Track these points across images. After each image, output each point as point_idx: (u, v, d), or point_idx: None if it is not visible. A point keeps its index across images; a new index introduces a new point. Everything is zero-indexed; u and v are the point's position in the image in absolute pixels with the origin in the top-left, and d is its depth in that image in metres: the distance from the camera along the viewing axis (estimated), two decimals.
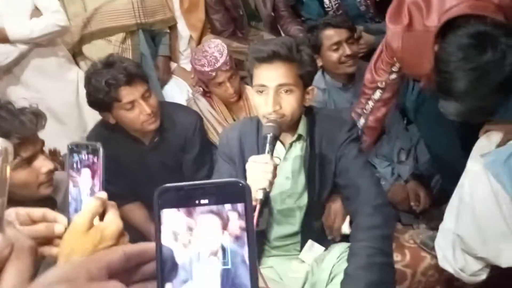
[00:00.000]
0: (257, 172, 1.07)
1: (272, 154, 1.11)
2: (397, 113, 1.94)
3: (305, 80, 1.26)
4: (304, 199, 1.36)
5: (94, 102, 1.62)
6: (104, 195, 0.67)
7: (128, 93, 1.57)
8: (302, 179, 1.35)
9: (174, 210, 0.38)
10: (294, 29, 2.50)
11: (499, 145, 1.33)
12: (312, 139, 1.33)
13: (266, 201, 1.16)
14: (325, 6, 2.35)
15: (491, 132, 1.37)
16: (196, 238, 0.38)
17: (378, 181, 1.32)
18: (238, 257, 0.38)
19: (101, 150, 0.68)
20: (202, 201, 0.38)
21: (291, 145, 1.34)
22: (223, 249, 0.38)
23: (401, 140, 1.88)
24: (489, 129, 1.38)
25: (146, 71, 1.79)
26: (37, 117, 1.13)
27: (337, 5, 2.33)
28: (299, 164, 1.34)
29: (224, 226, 0.38)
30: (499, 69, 1.07)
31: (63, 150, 2.03)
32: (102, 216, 0.67)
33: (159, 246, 0.38)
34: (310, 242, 1.37)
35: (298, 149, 1.34)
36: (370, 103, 1.66)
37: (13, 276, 0.34)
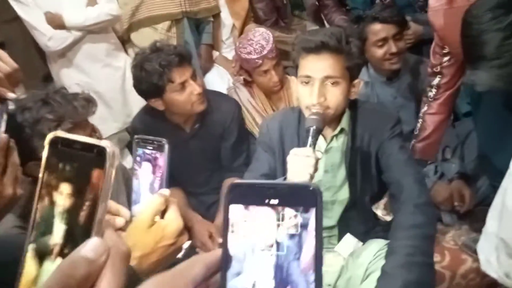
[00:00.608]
0: (299, 165, 1.07)
1: (314, 148, 1.10)
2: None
3: (352, 73, 1.23)
4: (344, 194, 1.35)
5: (146, 88, 1.65)
6: (167, 192, 0.69)
7: (180, 74, 1.61)
8: (341, 173, 1.34)
9: (242, 206, 0.38)
10: (338, 18, 2.45)
11: None
12: (355, 133, 1.30)
13: None
14: None
15: None
16: (252, 230, 0.38)
17: (422, 179, 1.28)
18: (292, 253, 0.37)
19: (166, 147, 0.69)
20: (272, 201, 0.37)
21: (332, 138, 1.32)
22: (278, 244, 0.37)
23: (447, 137, 1.81)
24: None
25: None
26: (89, 103, 1.17)
27: None
28: (339, 158, 1.33)
29: (280, 220, 0.37)
30: None
31: (108, 133, 2.11)
32: (163, 213, 0.69)
33: (225, 238, 0.38)
34: (348, 235, 1.35)
35: (339, 142, 1.32)
36: (433, 90, 1.63)
37: (109, 284, 0.34)
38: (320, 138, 1.31)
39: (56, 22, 2.03)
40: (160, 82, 1.60)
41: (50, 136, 0.37)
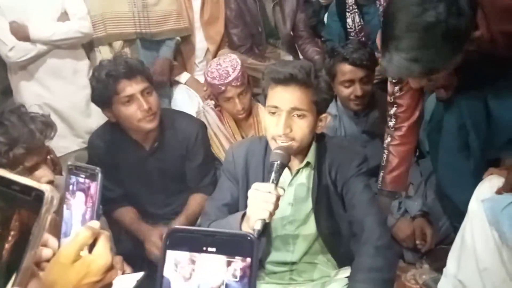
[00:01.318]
0: (259, 202, 1.03)
1: (277, 184, 1.07)
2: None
3: (319, 107, 1.23)
4: (309, 228, 1.32)
5: (96, 96, 1.63)
6: (96, 224, 0.64)
7: (126, 86, 1.57)
8: (307, 207, 1.31)
9: (179, 252, 0.39)
10: (312, 50, 2.48)
11: (499, 191, 1.28)
12: (321, 167, 1.29)
13: (265, 228, 1.11)
14: (348, 27, 2.32)
15: (494, 176, 1.33)
16: (198, 272, 0.38)
17: (384, 220, 1.28)
18: None
19: (99, 176, 0.65)
20: (210, 249, 0.39)
21: (298, 171, 1.31)
22: (226, 286, 0.38)
23: (411, 174, 1.83)
24: (493, 172, 1.34)
25: None
26: (47, 127, 1.10)
27: (360, 26, 2.30)
28: (304, 191, 1.31)
29: (229, 263, 0.38)
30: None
31: (66, 150, 2.02)
32: (92, 246, 0.63)
33: (160, 277, 0.39)
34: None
35: (304, 176, 1.31)
36: (392, 120, 1.63)
37: None
38: (286, 170, 1.29)
39: (21, 34, 1.95)
40: (106, 91, 1.57)
41: None
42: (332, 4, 2.49)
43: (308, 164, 1.30)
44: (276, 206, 1.04)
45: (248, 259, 0.38)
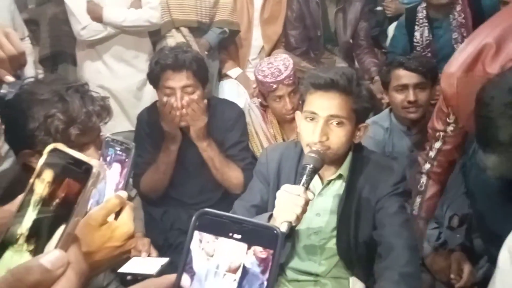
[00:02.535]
0: (287, 203, 1.01)
1: (307, 187, 1.04)
2: (459, 176, 1.76)
3: (359, 116, 1.19)
4: (334, 242, 1.28)
5: (148, 77, 1.69)
6: (124, 194, 0.68)
7: (169, 78, 1.60)
8: (334, 220, 1.27)
9: (206, 234, 0.40)
10: (369, 61, 2.41)
11: None
12: (354, 181, 1.24)
13: (290, 233, 1.09)
14: (415, 40, 2.24)
15: None
16: (220, 250, 0.39)
17: (415, 246, 1.19)
18: (257, 283, 0.38)
19: (133, 151, 0.69)
20: (235, 236, 0.39)
21: (329, 182, 1.27)
22: (244, 269, 0.38)
23: (458, 205, 1.70)
24: None
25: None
26: (104, 111, 1.12)
27: (428, 41, 2.21)
28: (333, 203, 1.26)
29: (250, 246, 0.39)
30: None
31: (115, 129, 2.10)
32: (117, 215, 0.68)
33: (186, 252, 0.39)
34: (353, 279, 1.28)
35: (336, 188, 1.27)
36: (432, 152, 1.55)
37: None
38: (317, 179, 1.27)
39: (95, 14, 2.05)
40: (153, 77, 1.64)
41: (50, 147, 0.40)
42: (402, 16, 2.41)
43: (340, 176, 1.26)
44: (304, 210, 1.01)
45: (271, 251, 0.38)
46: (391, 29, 2.83)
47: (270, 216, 1.07)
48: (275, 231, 0.39)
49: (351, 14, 2.40)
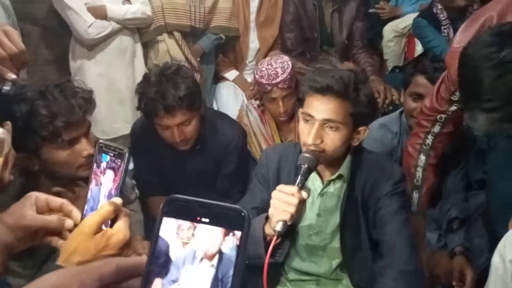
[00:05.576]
0: (280, 203, 1.02)
1: (302, 187, 1.05)
2: (460, 183, 1.76)
3: (356, 120, 1.19)
4: (336, 242, 1.29)
5: (140, 110, 1.63)
6: (119, 201, 0.66)
7: (164, 118, 1.54)
8: (334, 220, 1.28)
9: (174, 220, 0.40)
10: (364, 60, 2.42)
11: None
12: (354, 181, 1.25)
13: (289, 233, 1.10)
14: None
15: None
16: (197, 236, 0.39)
17: (414, 245, 1.20)
18: (232, 268, 0.38)
19: (126, 156, 0.67)
20: (203, 219, 0.40)
21: (329, 182, 1.28)
22: (220, 255, 0.38)
23: (458, 209, 1.70)
24: None
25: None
26: (87, 103, 1.13)
27: None
28: (333, 203, 1.27)
29: (227, 233, 0.39)
30: None
31: (118, 133, 2.10)
32: (113, 222, 0.66)
33: (155, 238, 0.40)
34: None
35: (336, 188, 1.27)
36: (430, 138, 1.49)
37: None
38: (318, 180, 1.28)
39: (98, 12, 2.08)
40: (145, 111, 1.61)
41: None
42: (417, 18, 2.45)
43: (340, 176, 1.26)
44: (299, 209, 1.02)
45: (239, 233, 0.39)
46: (386, 31, 2.87)
47: (267, 217, 1.08)
48: (243, 213, 0.39)
49: (346, 14, 2.41)
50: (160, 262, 0.39)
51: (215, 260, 0.38)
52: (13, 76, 0.86)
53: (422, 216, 1.57)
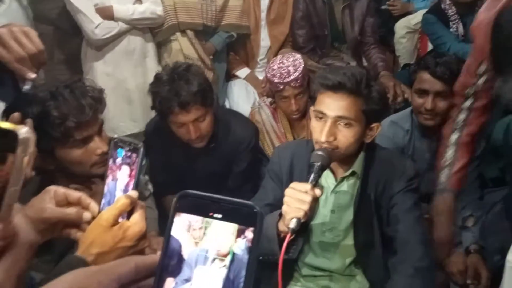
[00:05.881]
0: (294, 200, 1.02)
1: (315, 185, 1.05)
2: (475, 184, 1.74)
3: (369, 117, 1.19)
4: (349, 239, 1.29)
5: (155, 110, 1.64)
6: (135, 194, 0.67)
7: (179, 115, 1.54)
8: (348, 217, 1.28)
9: (186, 217, 0.40)
10: (376, 56, 2.40)
11: None
12: (367, 178, 1.25)
13: (303, 230, 1.10)
14: None
15: None
16: (209, 236, 0.39)
17: (428, 241, 1.20)
18: (244, 269, 0.38)
19: (141, 150, 0.68)
20: (216, 215, 0.40)
21: (343, 179, 1.28)
22: (233, 255, 0.38)
23: (473, 207, 1.68)
24: None
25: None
26: (97, 102, 1.14)
27: (463, 37, 2.22)
28: (346, 200, 1.27)
29: (240, 233, 0.39)
30: None
31: (125, 131, 2.13)
32: (129, 215, 0.67)
33: (167, 237, 0.40)
34: None
35: (349, 185, 1.27)
36: (462, 114, 1.47)
37: (5, 271, 0.34)
38: (331, 177, 1.29)
39: (106, 13, 2.09)
40: (160, 111, 1.62)
41: None
42: (425, 15, 2.44)
43: (354, 173, 1.26)
44: (312, 207, 1.02)
45: (250, 234, 0.39)
46: (398, 28, 2.84)
47: (281, 214, 1.09)
48: (255, 209, 0.39)
49: (357, 10, 2.40)
50: (172, 261, 0.39)
51: (227, 261, 0.38)
52: (33, 75, 0.88)
53: (453, 194, 1.51)
